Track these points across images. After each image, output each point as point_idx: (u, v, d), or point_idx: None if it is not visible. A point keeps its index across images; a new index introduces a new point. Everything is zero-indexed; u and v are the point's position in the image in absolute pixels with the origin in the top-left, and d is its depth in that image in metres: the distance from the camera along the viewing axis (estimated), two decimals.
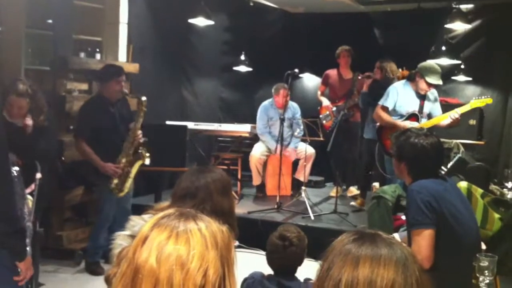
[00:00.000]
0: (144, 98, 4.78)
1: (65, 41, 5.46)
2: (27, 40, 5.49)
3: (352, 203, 6.24)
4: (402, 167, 2.85)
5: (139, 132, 4.82)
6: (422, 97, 5.20)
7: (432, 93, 5.23)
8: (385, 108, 5.25)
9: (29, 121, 4.19)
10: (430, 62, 5.30)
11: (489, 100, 4.99)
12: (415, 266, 1.14)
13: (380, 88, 5.96)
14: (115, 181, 4.75)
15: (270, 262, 2.82)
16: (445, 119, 4.97)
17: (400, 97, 5.20)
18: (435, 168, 2.90)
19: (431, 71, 5.06)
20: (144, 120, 4.84)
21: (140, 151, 4.81)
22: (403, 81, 5.34)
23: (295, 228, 2.85)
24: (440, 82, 5.14)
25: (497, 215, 3.54)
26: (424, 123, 5.02)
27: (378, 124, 5.41)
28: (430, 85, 5.08)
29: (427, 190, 2.66)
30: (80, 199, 5.40)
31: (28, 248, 3.14)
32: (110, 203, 4.86)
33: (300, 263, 2.79)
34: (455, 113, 4.90)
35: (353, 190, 6.97)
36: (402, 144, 2.85)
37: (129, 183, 4.84)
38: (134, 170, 4.85)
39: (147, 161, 4.84)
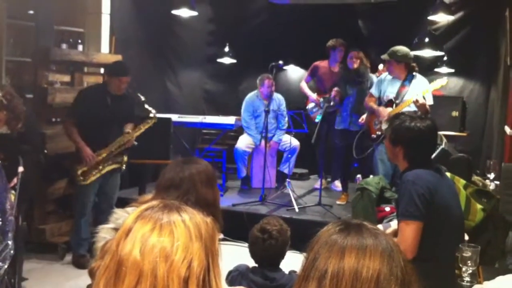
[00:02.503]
0: (153, 115, 4.93)
1: (47, 32, 5.40)
2: (8, 31, 5.42)
3: (338, 202, 6.25)
4: (398, 151, 2.80)
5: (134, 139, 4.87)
6: (402, 84, 5.19)
7: (419, 82, 5.19)
8: (371, 96, 5.42)
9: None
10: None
11: (444, 83, 4.93)
12: (400, 256, 1.15)
13: (358, 76, 6.08)
14: (84, 168, 4.70)
15: (252, 254, 2.83)
16: (407, 105, 4.95)
17: (383, 85, 5.32)
18: (431, 151, 2.90)
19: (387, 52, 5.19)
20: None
21: (123, 155, 4.86)
22: None
23: (278, 221, 2.85)
24: (383, 56, 5.21)
25: (479, 206, 3.57)
26: (392, 109, 5.09)
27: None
28: (384, 63, 5.27)
29: (422, 182, 2.63)
30: (63, 192, 5.35)
31: (10, 242, 3.11)
32: (84, 195, 4.82)
33: (281, 256, 2.79)
34: (416, 96, 4.78)
35: (339, 185, 6.98)
36: (398, 127, 2.79)
37: (95, 177, 4.78)
38: (107, 168, 4.83)
39: (123, 168, 4.93)
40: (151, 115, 4.94)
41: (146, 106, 4.93)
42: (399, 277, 1.11)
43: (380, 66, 6.51)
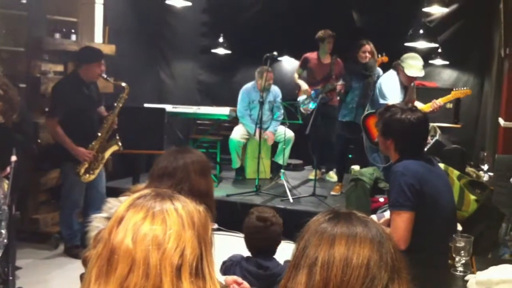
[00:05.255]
0: (125, 85, 4.76)
1: (40, 22, 5.36)
2: (1, 21, 5.36)
3: (332, 192, 6.26)
4: (389, 143, 2.82)
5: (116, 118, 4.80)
6: (405, 86, 5.28)
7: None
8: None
9: None
10: (412, 54, 5.31)
11: (468, 92, 5.19)
12: (390, 243, 1.15)
13: (365, 70, 6.01)
14: (85, 165, 4.68)
15: (250, 244, 2.82)
16: (429, 108, 5.07)
17: (399, 91, 5.28)
18: (422, 143, 2.91)
19: (410, 64, 5.14)
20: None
21: (115, 137, 4.81)
22: (392, 72, 5.38)
23: (268, 209, 2.89)
24: (420, 74, 5.22)
25: (473, 197, 3.58)
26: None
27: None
28: (410, 78, 5.18)
29: (411, 172, 2.65)
30: (56, 182, 5.33)
31: (3, 231, 3.11)
32: (79, 188, 4.80)
33: (279, 241, 2.81)
34: (440, 103, 5.09)
35: (333, 175, 6.98)
36: (389, 120, 2.80)
37: (100, 168, 4.78)
38: (107, 155, 4.82)
39: (122, 148, 4.88)
40: (124, 85, 4.80)
41: (113, 80, 4.84)
42: (389, 263, 1.12)
43: None
